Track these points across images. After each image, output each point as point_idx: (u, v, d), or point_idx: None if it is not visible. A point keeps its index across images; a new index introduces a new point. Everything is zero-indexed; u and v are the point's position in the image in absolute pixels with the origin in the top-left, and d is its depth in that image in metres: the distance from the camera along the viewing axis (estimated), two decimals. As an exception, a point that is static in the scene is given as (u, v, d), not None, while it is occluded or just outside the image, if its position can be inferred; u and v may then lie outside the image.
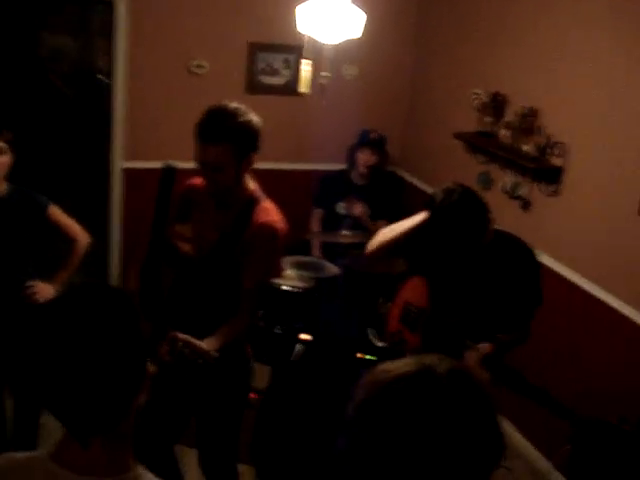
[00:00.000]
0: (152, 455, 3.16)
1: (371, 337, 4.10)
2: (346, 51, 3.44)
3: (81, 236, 3.52)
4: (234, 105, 2.71)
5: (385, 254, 3.31)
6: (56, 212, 3.44)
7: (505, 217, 3.90)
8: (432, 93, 5.37)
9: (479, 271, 3.07)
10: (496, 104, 4.49)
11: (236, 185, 2.80)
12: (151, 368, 1.48)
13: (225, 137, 2.67)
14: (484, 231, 2.92)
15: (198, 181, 2.92)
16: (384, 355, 3.64)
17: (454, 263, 3.09)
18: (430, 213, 2.93)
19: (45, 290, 3.40)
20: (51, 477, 1.44)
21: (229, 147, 2.67)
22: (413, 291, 3.39)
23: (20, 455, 1.53)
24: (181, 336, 2.57)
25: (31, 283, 3.39)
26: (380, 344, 3.74)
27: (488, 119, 4.56)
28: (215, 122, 2.68)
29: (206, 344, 2.66)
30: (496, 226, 3.04)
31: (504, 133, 4.39)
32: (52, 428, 1.61)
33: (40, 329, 1.40)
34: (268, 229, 2.77)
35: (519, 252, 3.10)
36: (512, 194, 4.39)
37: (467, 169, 4.80)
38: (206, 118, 2.70)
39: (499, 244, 3.06)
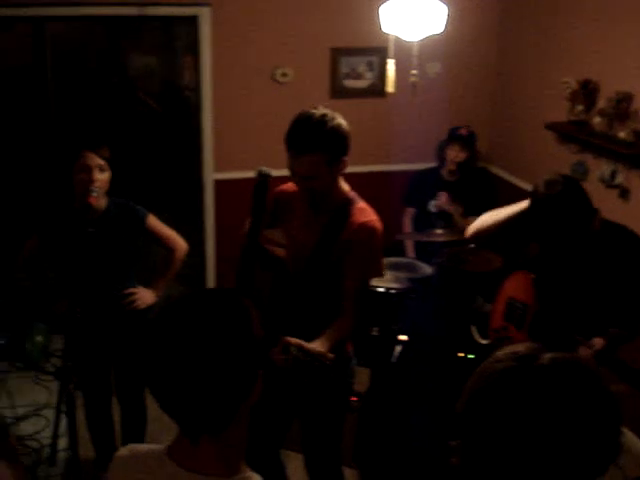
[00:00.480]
0: (259, 459, 3.20)
1: (474, 334, 4.04)
2: (428, 48, 3.42)
3: (179, 244, 3.60)
4: (321, 111, 2.68)
5: (484, 238, 3.23)
6: (154, 222, 3.53)
7: (603, 207, 3.76)
8: (519, 85, 5.27)
9: (588, 264, 2.97)
10: (587, 91, 4.36)
11: (330, 189, 2.79)
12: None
13: (316, 147, 2.65)
14: (589, 222, 2.83)
15: (289, 186, 2.93)
16: (487, 353, 3.58)
17: (559, 256, 3.01)
18: (532, 204, 2.86)
19: (146, 296, 3.51)
20: (164, 471, 1.49)
21: (321, 156, 2.66)
22: (517, 286, 3.32)
23: (142, 447, 1.61)
24: (294, 341, 2.56)
25: (132, 290, 3.49)
26: (483, 341, 3.68)
27: (579, 107, 4.44)
28: (304, 132, 2.66)
29: (316, 344, 2.66)
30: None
31: (597, 120, 4.26)
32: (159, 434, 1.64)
33: (158, 332, 1.45)
34: (368, 228, 2.76)
35: (629, 242, 2.98)
36: (609, 183, 4.26)
37: (560, 160, 4.69)
38: (294, 128, 2.68)
39: (607, 235, 2.95)
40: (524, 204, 2.94)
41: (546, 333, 3.08)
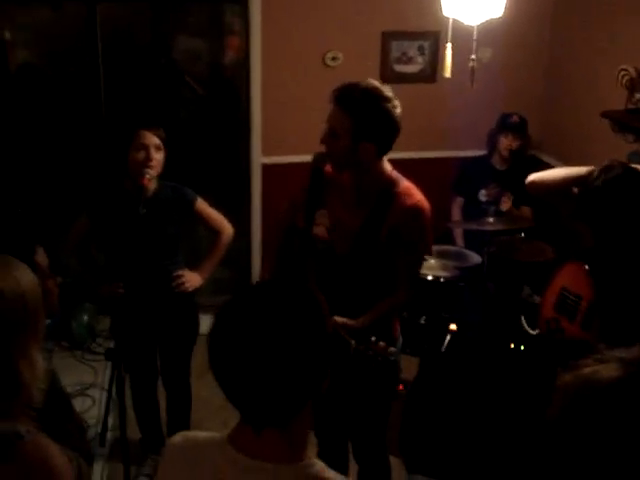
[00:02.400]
0: (329, 449, 3.21)
1: (523, 325, 3.98)
2: (480, 33, 3.35)
3: (226, 228, 3.60)
4: (381, 87, 2.64)
5: (542, 191, 3.15)
6: (203, 205, 3.53)
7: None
8: (573, 71, 5.15)
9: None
10: (646, 79, 4.25)
11: (370, 171, 2.74)
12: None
13: (345, 103, 2.61)
14: None
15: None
16: (537, 343, 3.51)
17: (616, 244, 2.93)
18: (585, 189, 2.78)
19: (193, 279, 3.52)
20: (227, 459, 1.48)
21: (346, 117, 2.60)
22: (570, 277, 3.24)
23: (201, 435, 1.59)
24: (339, 320, 2.56)
25: (180, 273, 3.49)
26: (533, 332, 3.61)
27: (637, 96, 4.32)
28: (347, 86, 2.64)
29: (360, 320, 2.68)
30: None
31: (656, 109, 4.15)
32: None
33: (232, 323, 1.42)
34: (415, 211, 2.72)
35: None
36: (667, 173, 4.14)
37: (615, 149, 4.56)
38: (347, 83, 2.66)
39: None
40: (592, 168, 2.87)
41: (612, 328, 3.00)
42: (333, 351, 1.47)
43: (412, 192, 2.75)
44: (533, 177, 3.15)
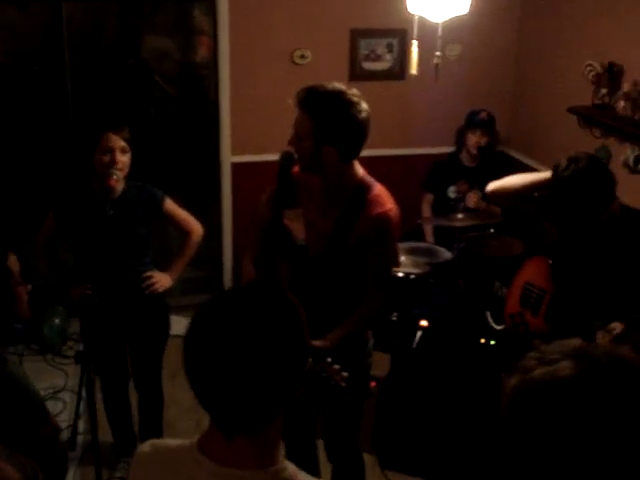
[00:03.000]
0: (297, 451, 3.20)
1: (489, 320, 4.01)
2: (449, 30, 3.36)
3: (195, 228, 3.58)
4: (345, 89, 2.60)
5: (502, 198, 3.21)
6: (171, 205, 3.51)
7: (627, 192, 3.72)
8: (540, 68, 5.19)
9: (607, 249, 2.94)
10: (612, 75, 4.29)
11: (340, 174, 2.71)
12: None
13: (307, 105, 2.58)
14: (609, 202, 2.80)
15: None
16: (504, 338, 3.54)
17: (578, 241, 2.97)
18: (553, 179, 2.82)
19: (163, 280, 3.49)
20: (197, 466, 1.46)
21: (308, 119, 2.58)
22: (534, 272, 3.29)
23: (171, 442, 1.57)
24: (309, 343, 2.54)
25: (149, 274, 3.47)
26: (498, 327, 3.65)
27: (603, 91, 4.37)
28: (309, 88, 2.61)
29: (329, 337, 2.67)
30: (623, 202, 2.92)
31: (622, 105, 4.20)
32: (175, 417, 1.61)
33: (205, 329, 1.40)
34: (383, 220, 2.69)
35: None
36: (633, 168, 4.19)
37: (583, 144, 4.60)
38: (308, 86, 2.63)
39: (628, 221, 2.92)
40: (549, 173, 2.92)
41: (563, 318, 3.05)
42: (306, 358, 1.45)
43: (382, 200, 2.71)
44: (493, 186, 3.20)
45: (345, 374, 2.51)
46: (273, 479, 1.45)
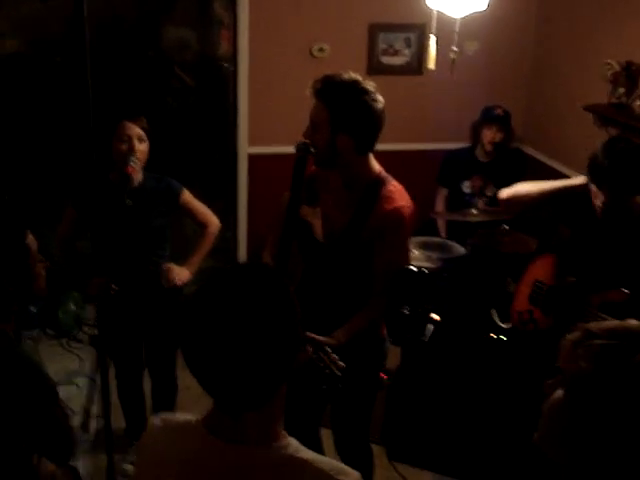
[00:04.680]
0: (301, 437, 3.22)
1: (494, 317, 4.01)
2: (467, 26, 3.38)
3: (212, 221, 3.61)
4: (360, 80, 2.62)
5: (516, 207, 3.22)
6: (189, 198, 3.54)
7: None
8: (558, 65, 5.19)
9: (618, 244, 2.96)
10: (629, 73, 4.28)
11: (356, 167, 2.73)
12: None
13: (323, 94, 2.61)
14: None
15: None
16: (513, 335, 3.55)
17: (589, 238, 2.98)
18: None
19: (181, 273, 3.50)
20: (202, 442, 1.50)
21: (324, 108, 2.61)
22: (544, 270, 3.29)
23: (179, 418, 1.61)
24: (309, 336, 2.54)
25: (168, 267, 3.50)
26: (504, 325, 3.65)
27: (621, 90, 4.36)
28: (326, 77, 2.64)
29: (336, 334, 2.66)
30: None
31: (639, 104, 4.19)
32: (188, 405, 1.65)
33: (199, 308, 1.43)
34: (395, 216, 2.69)
35: None
36: (648, 167, 4.19)
37: (598, 142, 4.60)
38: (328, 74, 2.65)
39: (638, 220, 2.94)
40: (576, 181, 2.92)
41: (563, 310, 3.06)
42: (299, 332, 1.47)
43: (395, 196, 2.71)
44: (506, 195, 3.20)
45: (341, 364, 2.53)
46: (276, 455, 1.48)
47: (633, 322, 1.35)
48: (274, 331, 1.39)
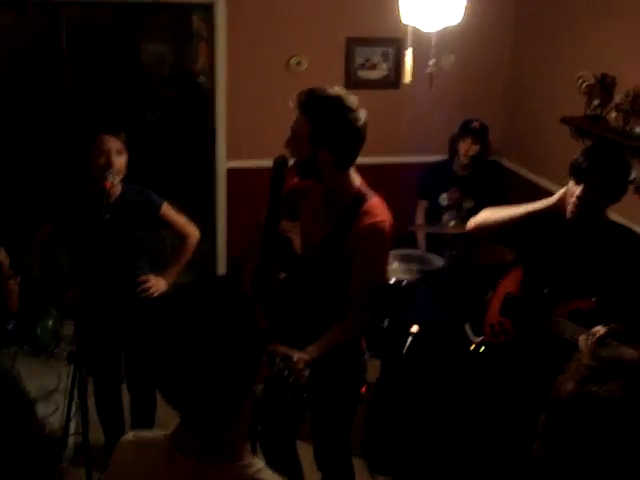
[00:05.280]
0: (275, 450, 3.22)
1: (467, 332, 4.02)
2: (444, 40, 3.40)
3: (191, 232, 3.61)
4: (345, 95, 2.62)
5: (485, 233, 3.26)
6: (168, 210, 3.54)
7: (619, 203, 3.77)
8: (534, 78, 5.25)
9: (584, 254, 3.01)
10: (604, 86, 4.34)
11: (337, 182, 2.73)
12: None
13: (305, 106, 2.60)
14: (625, 190, 2.91)
15: None
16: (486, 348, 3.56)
17: (557, 250, 3.03)
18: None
19: (158, 284, 3.51)
20: (167, 458, 1.49)
21: (306, 120, 2.60)
22: (515, 283, 3.32)
23: (147, 433, 1.61)
24: (280, 350, 2.54)
25: (145, 278, 3.49)
26: (477, 339, 3.66)
27: (595, 102, 4.42)
28: (309, 90, 2.63)
29: (309, 350, 2.64)
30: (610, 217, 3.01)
31: (614, 116, 4.25)
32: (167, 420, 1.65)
33: (158, 323, 1.43)
34: (373, 231, 2.68)
35: (630, 241, 3.01)
36: (624, 179, 4.24)
37: (574, 154, 4.65)
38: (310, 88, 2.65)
39: (611, 233, 3.00)
40: (535, 205, 2.97)
41: (525, 316, 3.09)
42: (263, 344, 1.48)
43: (376, 211, 2.70)
44: (474, 223, 3.27)
45: (307, 373, 2.53)
46: (236, 474, 1.47)
47: (630, 350, 1.37)
48: (233, 345, 1.39)
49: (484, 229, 3.23)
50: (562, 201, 2.96)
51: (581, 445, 1.26)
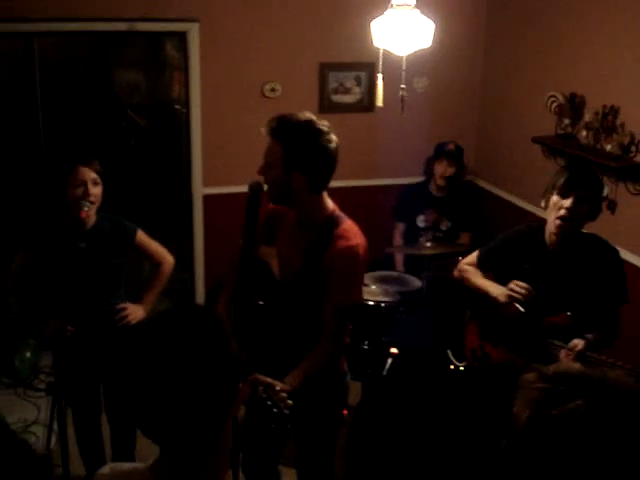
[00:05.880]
0: (258, 477, 3.20)
1: (450, 358, 4.02)
2: (416, 63, 3.44)
3: (166, 259, 3.61)
4: (315, 120, 2.65)
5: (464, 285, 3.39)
6: (143, 238, 3.53)
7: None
8: (505, 99, 5.32)
9: (564, 271, 3.05)
10: (574, 105, 4.41)
11: (309, 206, 2.74)
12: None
13: (277, 133, 2.62)
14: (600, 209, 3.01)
15: None
16: (469, 373, 3.56)
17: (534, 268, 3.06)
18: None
19: (136, 312, 3.50)
20: None
21: (279, 147, 2.62)
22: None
23: (126, 465, 1.58)
24: (262, 379, 2.53)
25: (122, 306, 3.48)
26: (460, 365, 3.66)
27: (566, 121, 4.49)
28: (279, 117, 2.65)
29: (289, 380, 2.63)
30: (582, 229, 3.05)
31: (584, 134, 4.31)
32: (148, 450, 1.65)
33: (133, 353, 1.42)
34: (347, 254, 2.68)
35: (603, 252, 3.07)
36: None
37: (547, 173, 4.69)
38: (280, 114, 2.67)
39: (583, 245, 3.05)
40: (494, 293, 3.11)
41: (522, 341, 3.11)
42: (239, 370, 1.47)
43: (349, 235, 2.71)
44: (459, 273, 3.43)
45: (290, 402, 2.51)
46: None
47: (576, 365, 1.34)
48: (209, 374, 1.38)
49: (464, 282, 3.38)
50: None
51: (549, 469, 1.25)
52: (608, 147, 4.14)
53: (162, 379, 1.36)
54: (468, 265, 3.38)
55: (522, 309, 3.02)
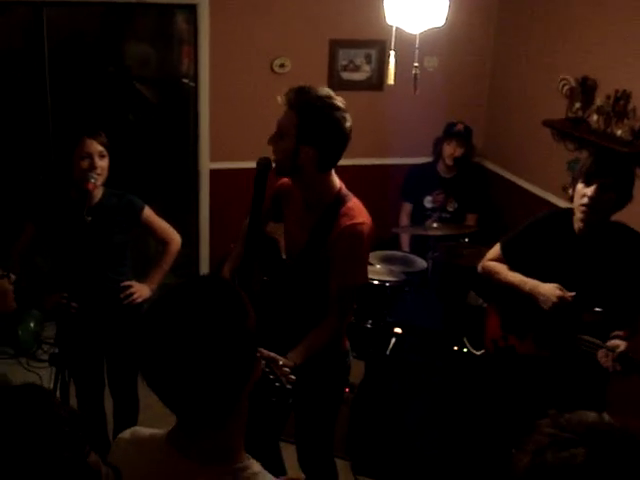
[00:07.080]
0: (258, 450, 3.20)
1: (467, 346, 4.00)
2: (427, 42, 3.41)
3: (174, 238, 3.58)
4: (333, 95, 2.64)
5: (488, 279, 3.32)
6: (150, 214, 3.51)
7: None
8: (517, 81, 5.27)
9: (591, 258, 3.01)
10: (585, 89, 4.37)
11: (316, 184, 2.73)
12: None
13: (294, 104, 2.61)
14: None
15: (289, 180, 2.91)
16: (489, 362, 3.53)
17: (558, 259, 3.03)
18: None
19: (141, 290, 3.48)
20: (164, 457, 1.49)
21: (294, 117, 2.60)
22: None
23: (145, 431, 1.60)
24: (266, 353, 2.51)
25: (128, 284, 3.47)
26: (478, 353, 3.63)
27: (577, 105, 4.45)
28: (299, 87, 2.64)
29: (291, 356, 2.63)
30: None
31: (595, 118, 4.28)
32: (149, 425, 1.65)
33: (153, 324, 1.42)
34: (352, 232, 2.67)
35: (631, 240, 3.01)
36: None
37: (556, 157, 4.70)
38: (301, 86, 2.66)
39: (610, 233, 3.01)
40: (527, 285, 3.04)
41: (553, 339, 3.08)
42: (255, 345, 1.46)
43: (354, 213, 2.71)
44: (481, 268, 3.34)
45: (292, 377, 2.51)
46: (232, 476, 1.47)
47: (592, 415, 1.25)
48: (228, 343, 1.38)
49: (489, 278, 3.30)
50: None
51: None
52: (619, 132, 4.10)
53: (181, 347, 1.36)
54: (491, 261, 3.33)
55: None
